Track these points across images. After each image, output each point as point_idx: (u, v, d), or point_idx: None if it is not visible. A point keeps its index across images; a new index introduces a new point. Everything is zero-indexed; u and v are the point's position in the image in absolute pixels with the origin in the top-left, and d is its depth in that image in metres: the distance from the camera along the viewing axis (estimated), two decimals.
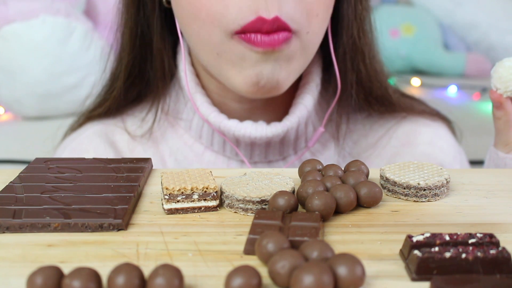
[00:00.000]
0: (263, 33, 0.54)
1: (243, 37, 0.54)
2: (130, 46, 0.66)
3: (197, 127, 0.67)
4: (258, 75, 0.56)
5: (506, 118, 0.57)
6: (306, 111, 0.64)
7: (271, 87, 0.57)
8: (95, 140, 0.67)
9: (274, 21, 0.53)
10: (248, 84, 0.57)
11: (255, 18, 0.53)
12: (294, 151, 0.67)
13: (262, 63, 0.56)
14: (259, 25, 0.53)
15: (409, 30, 1.78)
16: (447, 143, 0.69)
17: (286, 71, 0.57)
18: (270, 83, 0.57)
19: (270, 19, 0.53)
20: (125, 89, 0.68)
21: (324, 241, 0.35)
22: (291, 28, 0.55)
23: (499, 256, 0.34)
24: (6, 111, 1.43)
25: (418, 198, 0.46)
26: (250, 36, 0.54)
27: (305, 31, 0.56)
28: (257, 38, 0.54)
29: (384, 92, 0.67)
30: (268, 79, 0.57)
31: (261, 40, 0.54)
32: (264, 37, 0.54)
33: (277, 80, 0.57)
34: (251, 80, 0.57)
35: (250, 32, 0.54)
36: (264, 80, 0.57)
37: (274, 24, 0.53)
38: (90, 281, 0.31)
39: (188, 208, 0.44)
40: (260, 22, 0.53)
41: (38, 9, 1.27)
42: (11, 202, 0.43)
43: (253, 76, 0.56)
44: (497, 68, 0.56)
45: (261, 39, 0.54)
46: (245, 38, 0.54)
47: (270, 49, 0.55)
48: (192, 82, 0.65)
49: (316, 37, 0.59)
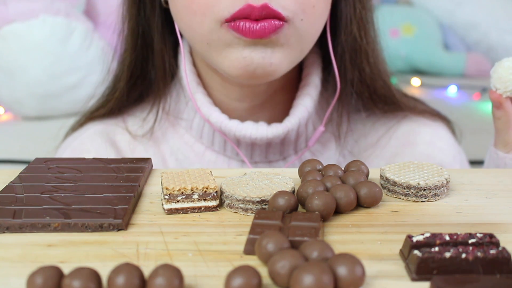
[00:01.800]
0: (252, 20, 0.53)
1: (232, 26, 0.54)
2: (132, 46, 0.67)
3: (198, 127, 0.67)
4: (246, 59, 0.56)
5: (506, 118, 0.57)
6: (307, 112, 0.64)
7: (262, 70, 0.56)
8: (96, 139, 0.67)
9: (262, 8, 0.53)
10: (236, 67, 0.56)
11: (244, 5, 0.53)
12: (295, 151, 0.67)
13: (251, 48, 0.55)
14: (248, 11, 0.53)
15: (409, 30, 1.78)
16: (446, 143, 0.69)
17: (280, 55, 0.57)
18: (262, 67, 0.56)
19: (259, 6, 0.53)
20: (127, 89, 0.68)
21: (324, 241, 0.35)
22: (283, 15, 0.54)
23: (499, 256, 0.34)
24: (6, 111, 1.43)
25: (418, 198, 0.46)
26: (239, 24, 0.54)
27: (299, 18, 0.56)
28: (245, 26, 0.53)
29: (387, 90, 0.67)
30: (259, 63, 0.56)
31: (249, 29, 0.53)
32: (253, 25, 0.53)
33: (270, 62, 0.56)
34: (240, 63, 0.56)
35: (239, 19, 0.54)
36: (255, 63, 0.56)
37: (262, 11, 0.53)
38: (90, 281, 0.31)
39: (188, 208, 0.44)
40: (248, 9, 0.53)
41: (38, 9, 1.27)
42: (11, 202, 0.43)
43: (240, 59, 0.56)
44: (496, 68, 0.56)
45: (250, 27, 0.53)
46: (234, 26, 0.54)
47: (258, 39, 0.54)
48: (193, 82, 0.65)
49: (312, 26, 0.58)
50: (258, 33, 0.54)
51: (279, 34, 0.55)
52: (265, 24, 0.54)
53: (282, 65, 0.57)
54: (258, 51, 0.55)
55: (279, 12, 0.54)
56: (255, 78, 0.58)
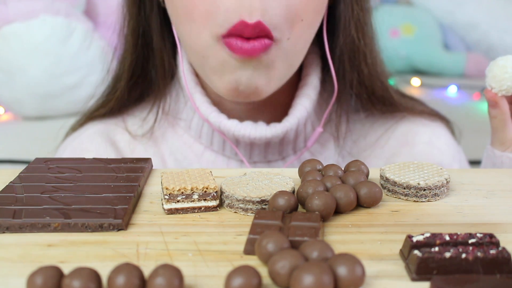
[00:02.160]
0: (244, 38, 0.54)
1: (226, 42, 0.55)
2: (133, 46, 0.67)
3: (196, 127, 0.67)
4: (237, 81, 0.57)
5: (502, 117, 0.58)
6: (306, 112, 0.64)
7: (249, 92, 0.58)
8: (96, 139, 0.67)
9: (256, 26, 0.54)
10: (227, 89, 0.58)
11: (238, 21, 0.54)
12: (294, 151, 0.67)
13: (241, 70, 0.57)
14: (241, 28, 0.54)
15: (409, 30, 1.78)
16: (445, 143, 0.69)
17: (265, 78, 0.58)
18: (249, 89, 0.58)
19: (252, 23, 0.54)
20: (128, 89, 0.68)
21: (324, 241, 0.35)
22: (272, 34, 0.55)
23: (499, 256, 0.34)
24: (6, 111, 1.43)
25: (418, 198, 0.46)
26: (231, 42, 0.55)
27: (286, 37, 0.57)
28: (237, 44, 0.55)
29: (385, 92, 0.67)
30: (246, 85, 0.57)
31: (240, 48, 0.55)
32: (244, 43, 0.54)
33: (256, 86, 0.58)
34: (230, 85, 0.58)
35: (233, 36, 0.55)
36: (243, 86, 0.57)
37: (256, 29, 0.54)
38: (90, 281, 0.31)
39: (188, 208, 0.44)
40: (242, 26, 0.54)
41: (38, 9, 1.27)
42: (11, 202, 0.43)
43: (232, 82, 0.57)
44: (491, 67, 0.56)
45: (241, 46, 0.55)
46: (227, 43, 0.55)
47: (248, 57, 0.55)
48: (192, 82, 0.65)
49: (298, 43, 0.59)
50: (248, 52, 0.55)
51: (268, 53, 0.56)
52: (255, 43, 0.55)
53: (269, 86, 0.59)
54: (247, 72, 0.57)
55: (270, 30, 0.55)
56: (243, 98, 0.59)
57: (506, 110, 0.57)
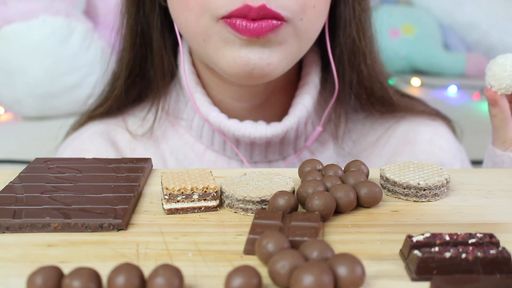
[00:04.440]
0: (249, 19, 0.53)
1: (228, 22, 0.54)
2: (131, 45, 0.67)
3: (197, 127, 0.67)
4: (243, 59, 0.55)
5: (502, 116, 0.57)
6: (306, 111, 0.64)
7: (260, 71, 0.56)
8: (97, 139, 0.67)
9: (260, 9, 0.52)
10: (232, 66, 0.56)
11: (242, 5, 0.53)
12: (294, 150, 0.67)
13: (248, 48, 0.55)
14: (245, 12, 0.53)
15: (409, 30, 1.78)
16: (447, 142, 0.69)
17: (278, 55, 0.56)
18: (260, 67, 0.56)
19: (256, 6, 0.52)
20: (126, 88, 0.68)
21: (324, 241, 0.35)
22: (282, 15, 0.54)
23: (499, 256, 0.34)
24: (6, 111, 1.43)
25: (418, 198, 0.46)
26: (236, 21, 0.53)
27: (299, 17, 0.55)
28: (242, 24, 0.53)
29: (384, 93, 0.67)
30: (257, 63, 0.55)
31: (245, 28, 0.53)
32: (249, 24, 0.53)
33: (268, 63, 0.56)
34: (236, 62, 0.55)
35: (235, 17, 0.53)
36: (252, 63, 0.55)
37: (260, 12, 0.52)
38: (90, 281, 0.31)
39: (188, 208, 0.44)
40: (246, 9, 0.53)
41: (38, 9, 1.27)
42: (11, 202, 0.43)
43: (237, 59, 0.55)
44: (490, 65, 0.56)
45: (246, 26, 0.53)
46: (230, 23, 0.54)
47: (255, 38, 0.54)
48: (192, 82, 0.65)
49: (312, 26, 0.57)
50: (254, 32, 0.53)
51: (277, 33, 0.55)
52: (262, 23, 0.53)
53: (281, 64, 0.57)
54: (255, 52, 0.55)
55: (277, 12, 0.53)
56: (253, 78, 0.57)
57: (506, 109, 0.57)
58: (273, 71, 0.57)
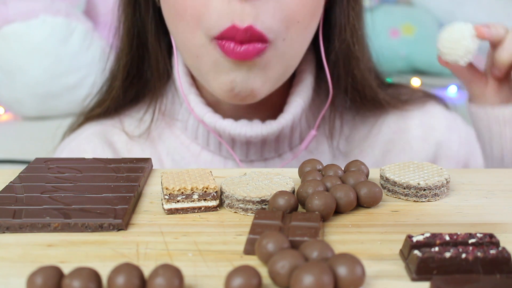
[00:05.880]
0: (237, 42, 0.54)
1: (219, 44, 0.55)
2: (128, 46, 0.67)
3: (192, 128, 0.67)
4: (232, 82, 0.57)
5: (463, 77, 0.63)
6: (300, 109, 0.64)
7: (245, 94, 0.58)
8: (94, 140, 0.68)
9: (246, 30, 0.53)
10: (223, 89, 0.58)
11: (230, 26, 0.54)
12: (290, 147, 0.67)
13: (235, 71, 0.56)
14: (233, 33, 0.54)
15: (409, 30, 1.78)
16: (437, 118, 0.71)
17: (261, 80, 0.57)
18: (245, 91, 0.57)
19: (243, 28, 0.53)
20: (123, 89, 0.68)
21: (324, 241, 0.35)
22: (267, 37, 0.55)
23: (499, 256, 0.34)
24: (6, 111, 1.43)
25: (418, 198, 0.46)
26: (224, 44, 0.55)
27: (282, 38, 0.56)
28: (230, 47, 0.54)
29: (374, 94, 0.68)
30: (242, 87, 0.57)
31: (233, 50, 0.54)
32: (237, 46, 0.54)
33: (252, 88, 0.57)
34: (226, 86, 0.57)
35: (225, 39, 0.54)
36: (238, 87, 0.57)
37: (247, 33, 0.53)
38: (90, 281, 0.31)
39: (188, 208, 0.44)
40: (233, 31, 0.54)
41: (38, 9, 1.27)
42: (11, 202, 0.43)
43: (227, 83, 0.57)
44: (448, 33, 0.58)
45: (234, 49, 0.54)
46: (220, 45, 0.55)
47: (242, 60, 0.55)
48: (186, 83, 0.65)
49: (294, 44, 0.58)
50: (241, 55, 0.54)
51: (262, 56, 0.56)
52: (248, 47, 0.54)
53: (264, 88, 0.58)
54: (242, 74, 0.56)
55: (263, 34, 0.54)
56: (239, 100, 0.59)
57: (461, 70, 0.62)
58: (258, 95, 0.59)
